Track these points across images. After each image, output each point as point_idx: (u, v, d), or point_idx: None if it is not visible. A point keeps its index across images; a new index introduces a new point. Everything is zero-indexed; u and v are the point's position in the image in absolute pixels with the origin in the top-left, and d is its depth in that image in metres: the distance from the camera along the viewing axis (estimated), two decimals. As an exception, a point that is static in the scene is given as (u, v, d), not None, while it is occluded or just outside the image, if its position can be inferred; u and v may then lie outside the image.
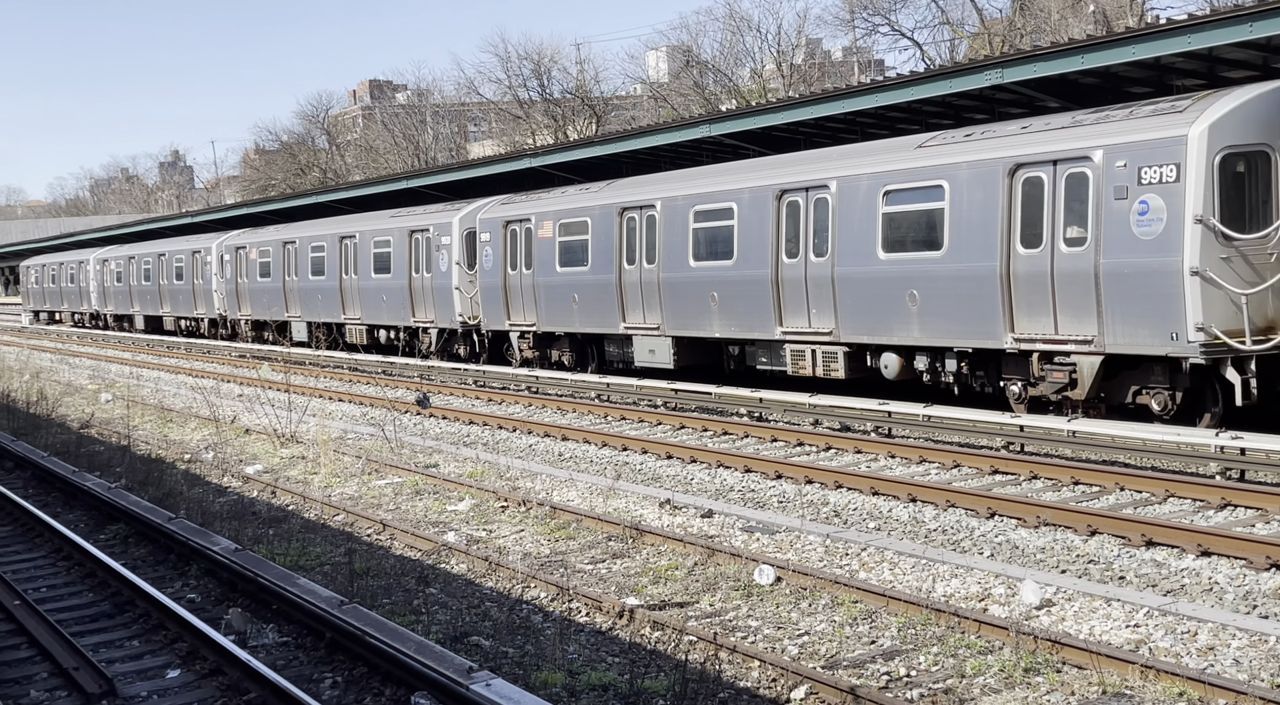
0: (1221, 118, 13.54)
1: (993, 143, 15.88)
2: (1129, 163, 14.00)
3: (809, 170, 18.51)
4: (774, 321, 18.82)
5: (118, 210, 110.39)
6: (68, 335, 51.50)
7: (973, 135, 16.47)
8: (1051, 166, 14.85)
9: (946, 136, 17.03)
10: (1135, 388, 14.62)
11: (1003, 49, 40.68)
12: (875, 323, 17.20)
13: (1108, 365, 14.61)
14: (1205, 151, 13.41)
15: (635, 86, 68.38)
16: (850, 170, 17.67)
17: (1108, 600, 9.12)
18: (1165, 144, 13.69)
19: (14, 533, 13.37)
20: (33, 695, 8.25)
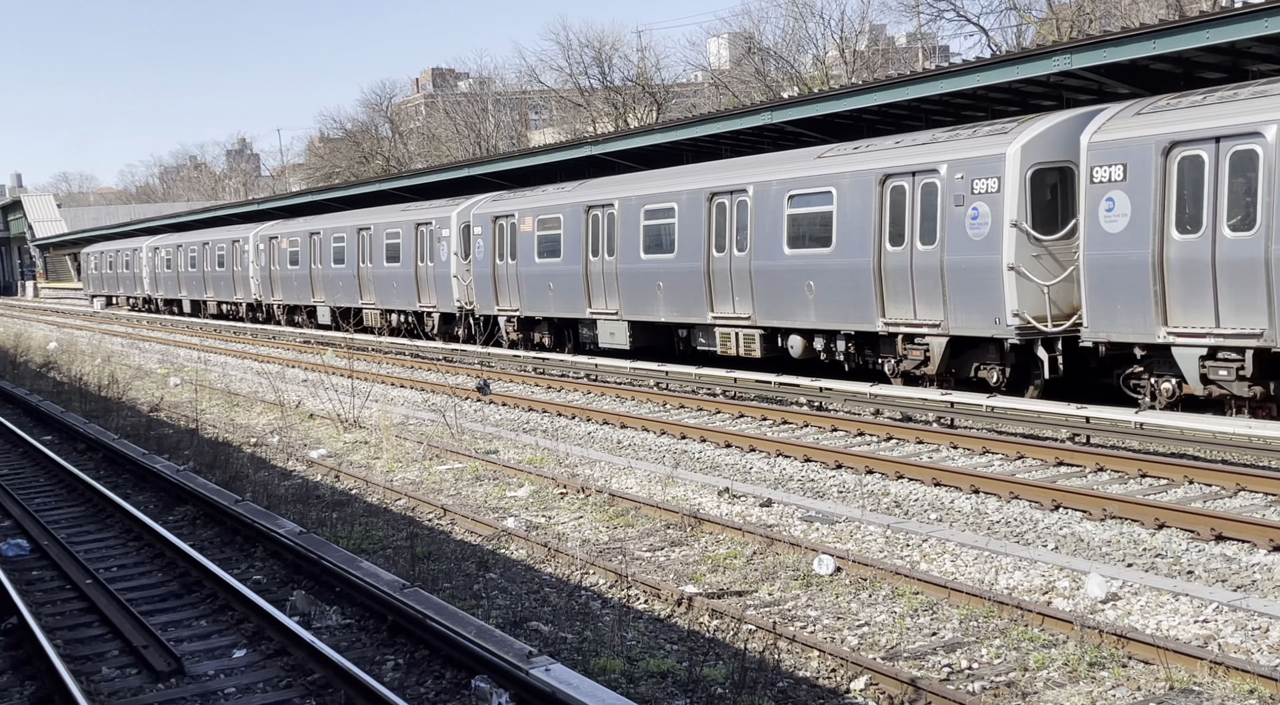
0: (1033, 139, 16.17)
1: (870, 156, 18.32)
2: (965, 175, 16.55)
3: (734, 176, 21.05)
4: (706, 307, 21.46)
5: (186, 197, 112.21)
6: (137, 320, 52.50)
7: (859, 147, 18.85)
8: (911, 177, 17.35)
9: (838, 149, 19.45)
10: (975, 364, 17.17)
11: (1071, 34, 40.01)
12: (783, 309, 19.83)
13: (953, 345, 17.11)
14: (1020, 167, 16.05)
15: (696, 74, 68.22)
16: (765, 176, 20.19)
17: (1175, 595, 8.97)
18: (990, 160, 16.31)
19: (86, 513, 13.68)
20: (104, 672, 8.43)
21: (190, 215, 60.27)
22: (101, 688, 8.11)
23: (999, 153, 16.27)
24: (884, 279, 17.71)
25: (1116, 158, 14.80)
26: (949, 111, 21.05)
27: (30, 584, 10.71)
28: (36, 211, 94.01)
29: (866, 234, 17.94)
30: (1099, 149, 15.00)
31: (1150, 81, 17.41)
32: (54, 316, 61.69)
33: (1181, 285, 14.14)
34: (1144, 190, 14.43)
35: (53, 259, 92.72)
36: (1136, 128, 14.75)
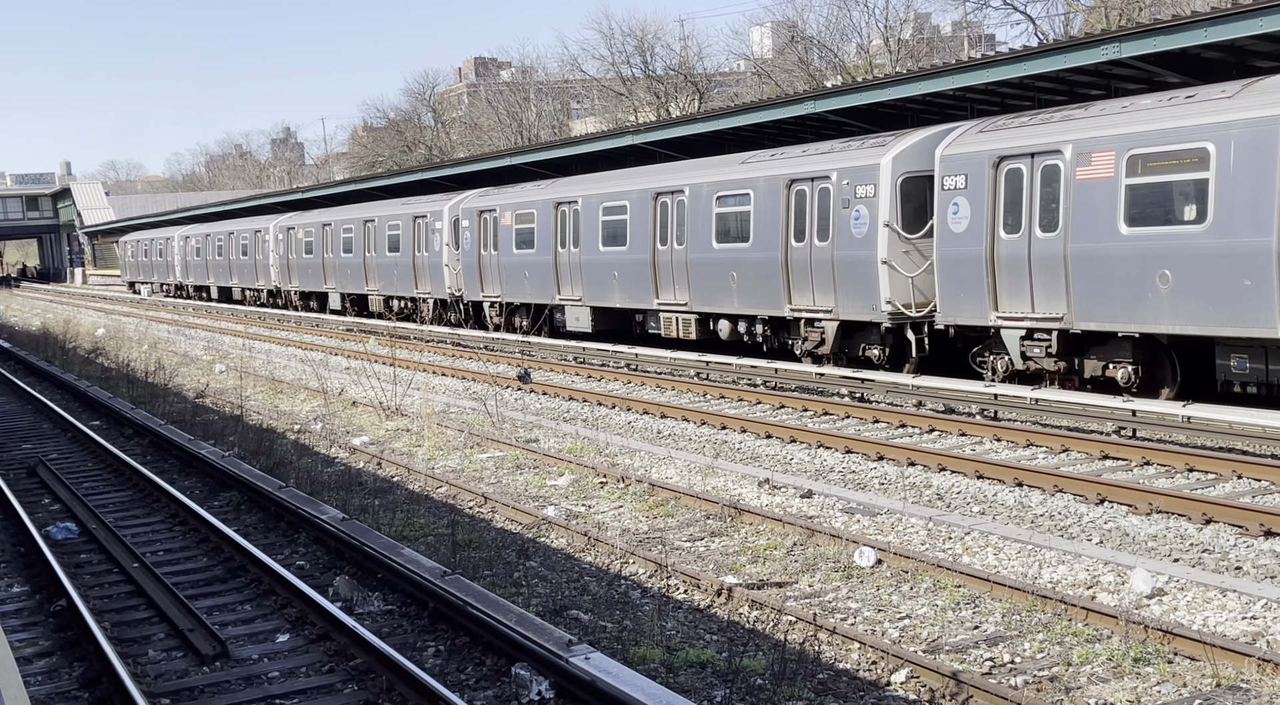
0: (902, 151, 18.42)
1: (781, 163, 20.73)
2: (850, 182, 18.90)
3: (675, 178, 23.59)
4: (653, 295, 23.97)
5: (231, 186, 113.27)
6: (183, 307, 53.14)
7: (775, 155, 21.30)
8: (811, 182, 19.76)
9: (758, 156, 21.89)
10: (862, 344, 19.50)
11: (1120, 23, 39.48)
12: (712, 297, 22.25)
13: (844, 328, 19.60)
14: (891, 175, 18.40)
15: (739, 63, 67.91)
16: (698, 179, 22.72)
17: (1223, 591, 8.85)
18: (869, 169, 18.66)
19: (133, 498, 13.86)
20: (151, 655, 8.55)
21: (223, 205, 61.86)
22: (148, 670, 8.22)
23: (875, 163, 18.65)
24: (790, 271, 20.21)
25: (961, 169, 17.22)
26: (994, 101, 20.84)
27: (79, 567, 10.88)
28: (85, 199, 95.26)
29: (776, 231, 20.39)
30: (948, 161, 17.43)
31: (1201, 71, 17.14)
32: (102, 303, 62.54)
33: (1007, 277, 16.61)
34: (980, 197, 16.85)
35: (101, 246, 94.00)
36: (976, 144, 17.16)
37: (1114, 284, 15.17)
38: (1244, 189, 13.60)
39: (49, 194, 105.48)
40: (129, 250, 69.46)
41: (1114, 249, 15.12)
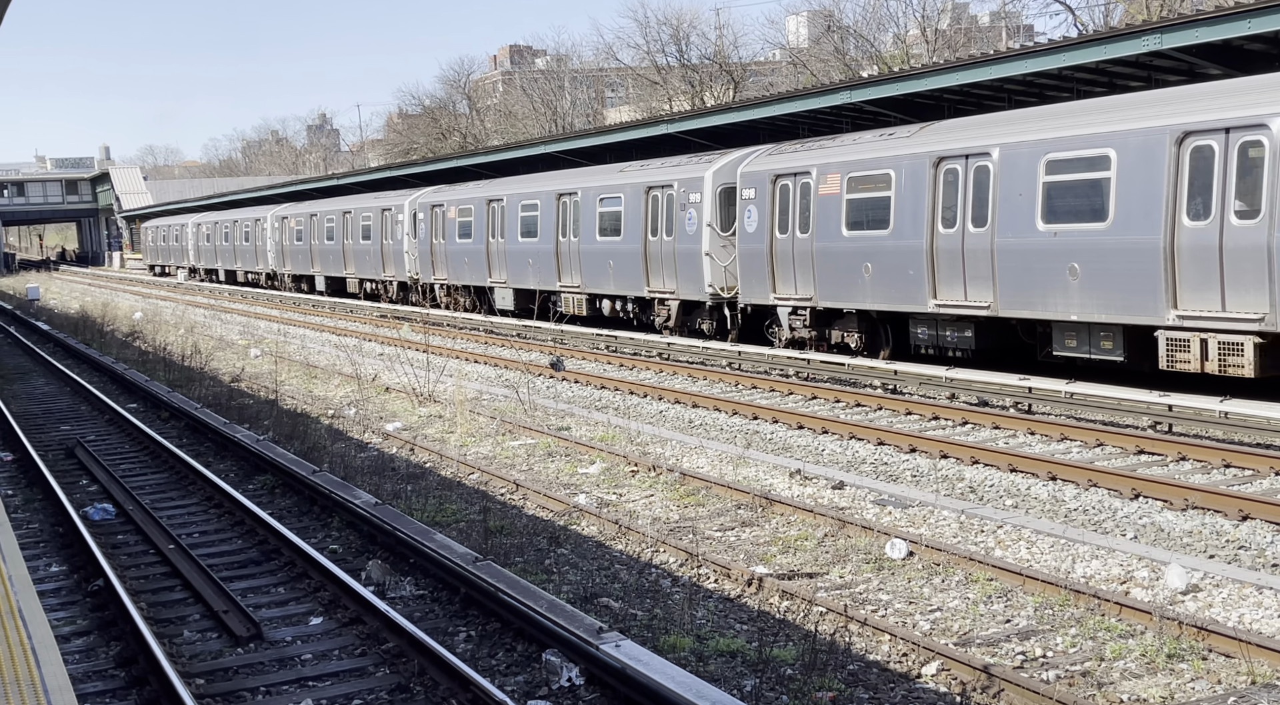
0: (720, 167, 23.22)
1: (643, 172, 25.52)
2: (686, 190, 23.70)
3: (572, 182, 28.31)
4: (556, 279, 28.36)
5: (267, 171, 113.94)
6: (219, 292, 53.61)
7: (645, 166, 26.00)
8: (661, 189, 24.56)
9: (630, 166, 26.68)
10: (697, 319, 24.16)
11: (1161, 13, 38.98)
12: (598, 280, 26.80)
13: (684, 306, 24.45)
14: (712, 185, 23.15)
15: (774, 52, 67.54)
16: (588, 183, 27.35)
17: (1259, 588, 8.77)
18: (697, 180, 23.51)
19: (169, 480, 14.01)
20: (186, 635, 8.65)
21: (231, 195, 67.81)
22: (183, 650, 8.32)
23: (701, 175, 23.41)
24: (648, 260, 24.94)
25: (752, 183, 22.05)
26: (1032, 92, 20.66)
27: (116, 548, 11.01)
28: (124, 184, 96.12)
29: (639, 228, 25.04)
30: (744, 177, 22.32)
31: (1244, 62, 16.92)
32: (140, 287, 63.17)
33: (780, 267, 21.42)
34: (765, 205, 21.68)
35: (138, 230, 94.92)
36: (762, 165, 22.07)
37: (840, 272, 20.00)
38: (909, 206, 18.64)
39: (88, 178, 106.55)
40: (149, 235, 74.78)
41: (840, 246, 20.09)
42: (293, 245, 46.93)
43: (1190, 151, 14.65)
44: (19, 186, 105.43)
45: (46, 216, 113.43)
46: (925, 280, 18.22)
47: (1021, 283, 16.66)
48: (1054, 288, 16.20)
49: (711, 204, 22.93)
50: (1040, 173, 16.31)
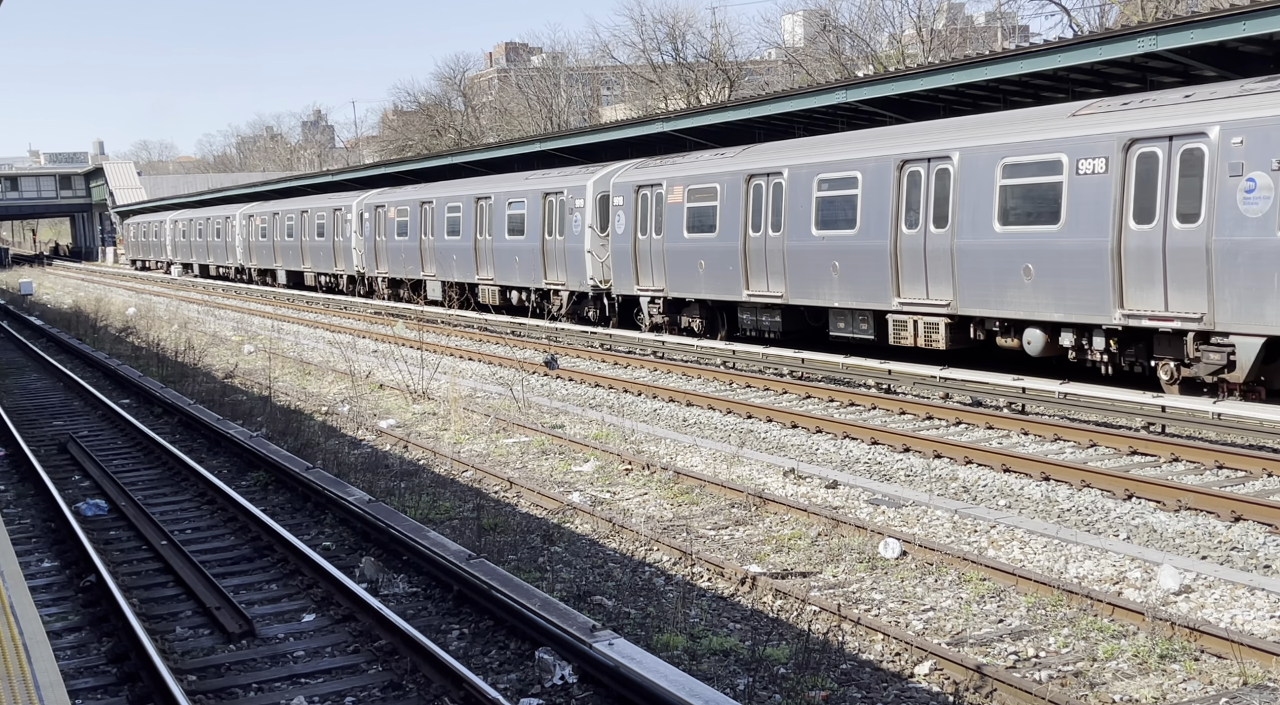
0: (599, 177, 26.80)
1: (542, 180, 29.37)
2: (573, 196, 27.29)
3: (485, 188, 32.20)
4: (475, 272, 32.28)
5: (262, 168, 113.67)
6: (212, 288, 53.54)
7: (547, 174, 29.93)
8: (556, 195, 28.18)
9: (534, 175, 30.57)
10: (584, 308, 27.89)
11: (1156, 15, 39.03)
12: (507, 274, 30.67)
13: (574, 296, 28.03)
14: (593, 193, 26.76)
15: (770, 51, 67.54)
16: (497, 189, 31.43)
17: (1251, 589, 8.79)
18: (581, 188, 27.09)
19: (162, 476, 13.99)
20: (178, 632, 8.63)
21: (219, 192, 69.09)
22: (175, 647, 8.30)
23: (584, 184, 27.07)
24: (545, 256, 28.50)
25: (621, 192, 25.71)
26: (1028, 92, 20.68)
27: (108, 543, 10.99)
28: (117, 179, 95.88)
29: (539, 228, 28.73)
30: (616, 186, 25.95)
31: (1239, 64, 16.95)
32: (133, 282, 63.05)
33: (642, 263, 24.98)
34: (630, 211, 25.28)
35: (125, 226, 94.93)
36: (628, 177, 25.73)
37: (683, 268, 23.89)
38: (730, 214, 22.52)
39: (82, 173, 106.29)
40: (131, 231, 78.80)
41: (682, 246, 23.83)
42: (257, 241, 50.92)
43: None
44: (12, 181, 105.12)
45: (40, 211, 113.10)
46: (740, 274, 22.33)
47: (804, 276, 20.69)
48: (824, 281, 20.27)
49: (592, 209, 26.70)
50: (814, 189, 20.49)
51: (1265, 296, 13.78)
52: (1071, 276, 15.92)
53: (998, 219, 16.92)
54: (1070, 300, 16.00)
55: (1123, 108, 15.69)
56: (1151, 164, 14.94)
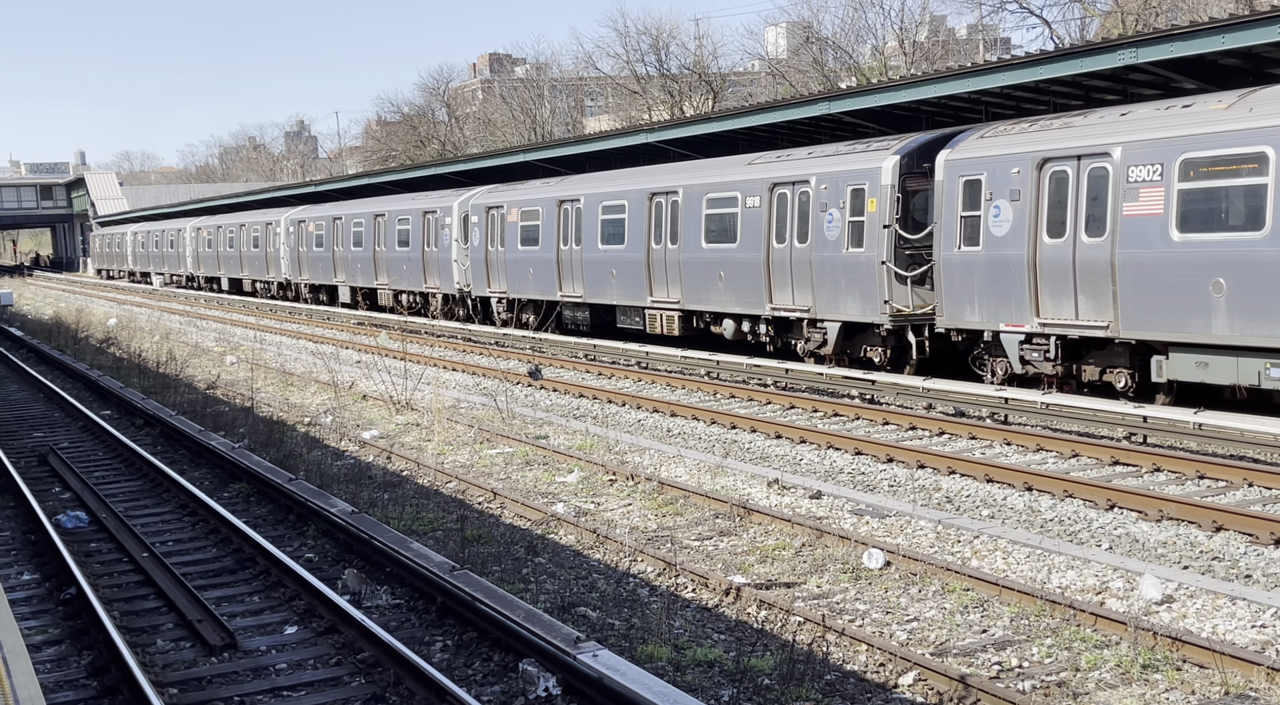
0: (462, 199, 32.02)
1: (421, 200, 35.16)
2: (443, 214, 32.67)
3: (384, 205, 37.63)
4: (374, 278, 37.47)
5: (245, 178, 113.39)
6: (195, 298, 53.33)
7: (430, 196, 35.55)
8: (431, 214, 33.42)
9: (418, 196, 36.27)
10: (454, 308, 33.02)
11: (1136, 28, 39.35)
12: (398, 279, 35.95)
13: (445, 298, 33.50)
14: (457, 212, 32.02)
15: (753, 63, 67.78)
16: (392, 207, 36.53)
17: (1232, 599, 8.83)
18: (449, 208, 32.53)
19: (143, 488, 13.91)
20: (159, 644, 8.57)
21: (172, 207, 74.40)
22: (156, 659, 8.25)
23: (451, 205, 32.55)
24: (425, 264, 34.09)
25: (477, 211, 31.07)
26: (1008, 104, 20.79)
27: (88, 556, 10.92)
28: (99, 189, 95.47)
29: (419, 241, 34.26)
30: (473, 207, 31.28)
31: (1218, 77, 17.08)
32: (114, 293, 62.74)
33: (492, 269, 30.22)
34: (483, 227, 30.11)
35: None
36: (482, 199, 30.93)
37: (519, 274, 28.92)
38: (550, 231, 27.62)
39: (63, 183, 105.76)
40: (97, 243, 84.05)
41: (517, 257, 28.84)
42: (205, 252, 56.60)
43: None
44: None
45: (20, 222, 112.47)
46: (555, 279, 27.76)
47: (596, 281, 26.43)
48: (608, 284, 26.04)
49: (458, 225, 32.05)
50: (599, 213, 26.07)
51: (839, 295, 19.75)
52: (744, 280, 21.85)
53: (704, 238, 22.84)
54: (745, 298, 21.95)
55: (776, 160, 21.69)
56: (783, 200, 20.91)
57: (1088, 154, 15.80)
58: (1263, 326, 13.75)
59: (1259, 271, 13.71)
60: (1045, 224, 16.44)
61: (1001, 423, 16.11)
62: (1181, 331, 14.71)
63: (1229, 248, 14.07)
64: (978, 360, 17.99)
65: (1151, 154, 14.97)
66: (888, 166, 18.96)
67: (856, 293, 19.39)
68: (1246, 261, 13.83)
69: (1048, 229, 16.41)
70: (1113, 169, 15.44)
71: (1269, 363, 13.87)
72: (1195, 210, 14.50)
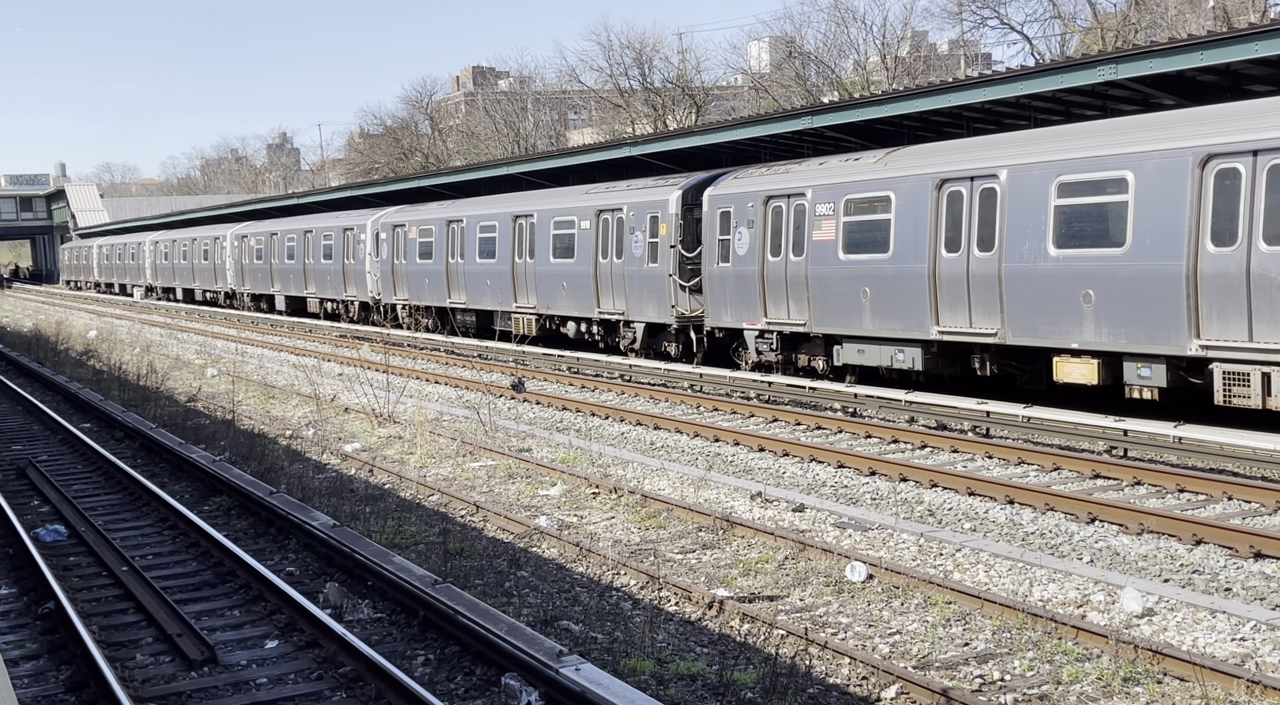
0: (376, 218, 36.13)
1: (343, 218, 39.62)
2: (359, 231, 36.34)
3: (308, 223, 42.01)
4: (305, 288, 41.47)
5: (226, 190, 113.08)
6: (175, 311, 53.14)
7: (350, 214, 39.26)
8: (349, 230, 37.57)
9: (339, 214, 39.92)
10: (370, 314, 36.85)
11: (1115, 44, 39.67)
12: (322, 288, 40.44)
13: (362, 305, 37.65)
14: (372, 229, 36.03)
15: (736, 77, 68.04)
16: (316, 224, 41.29)
17: (1212, 612, 8.87)
18: (364, 225, 36.62)
19: (123, 501, 13.82)
20: (139, 659, 8.51)
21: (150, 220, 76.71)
22: (136, 674, 8.19)
23: (365, 223, 36.78)
24: (345, 275, 38.35)
25: (385, 229, 34.91)
26: (991, 119, 20.91)
27: (67, 570, 10.84)
28: (79, 201, 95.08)
29: (340, 254, 38.72)
30: (382, 226, 35.27)
31: (1196, 93, 17.23)
32: (95, 305, 62.41)
33: (398, 279, 34.12)
34: (389, 243, 34.32)
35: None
36: (390, 218, 35.08)
37: (418, 283, 33.71)
38: (441, 245, 32.16)
39: (43, 195, 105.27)
40: (65, 255, 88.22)
41: (417, 269, 33.74)
42: (162, 263, 61.13)
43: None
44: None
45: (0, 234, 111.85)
46: (445, 288, 32.25)
47: (476, 289, 30.76)
48: (484, 291, 30.39)
49: (371, 241, 36.39)
50: (476, 232, 30.60)
51: (643, 301, 24.36)
52: (581, 289, 26.32)
53: (552, 254, 27.33)
54: (581, 304, 26.37)
55: (604, 191, 26.26)
56: (606, 224, 25.44)
57: (793, 194, 20.43)
58: (894, 322, 18.38)
59: (888, 283, 18.43)
60: (769, 245, 20.99)
61: (983, 436, 16.16)
62: (846, 327, 19.36)
63: (871, 266, 18.75)
64: (735, 352, 22.45)
65: (830, 195, 19.65)
66: (673, 199, 23.52)
67: (654, 299, 24.07)
68: (880, 275, 18.57)
69: (770, 249, 20.99)
70: (808, 205, 20.07)
71: (897, 349, 18.49)
72: (854, 237, 19.10)
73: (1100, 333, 15.33)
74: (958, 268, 17.22)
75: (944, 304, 17.44)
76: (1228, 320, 13.90)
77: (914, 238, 17.89)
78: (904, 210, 18.11)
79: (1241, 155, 13.83)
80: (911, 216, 17.95)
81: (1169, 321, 14.45)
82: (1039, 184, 16.11)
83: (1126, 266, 14.95)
